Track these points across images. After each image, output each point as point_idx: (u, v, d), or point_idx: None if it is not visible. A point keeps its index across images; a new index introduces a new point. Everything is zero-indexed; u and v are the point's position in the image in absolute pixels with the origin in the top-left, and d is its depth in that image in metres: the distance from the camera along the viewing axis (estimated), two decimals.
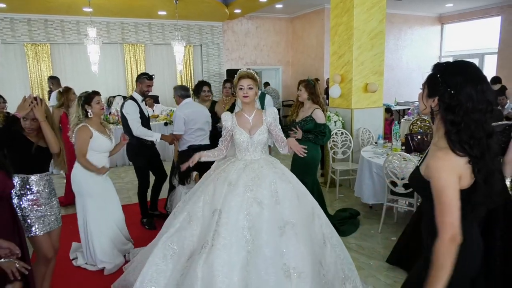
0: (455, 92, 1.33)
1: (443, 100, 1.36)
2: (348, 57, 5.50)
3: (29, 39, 8.12)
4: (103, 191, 3.28)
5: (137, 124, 3.91)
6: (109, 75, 9.01)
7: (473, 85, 1.32)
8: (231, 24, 10.12)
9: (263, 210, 2.38)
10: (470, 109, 1.31)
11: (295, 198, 2.55)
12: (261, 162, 2.65)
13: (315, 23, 9.85)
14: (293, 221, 2.40)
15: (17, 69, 8.24)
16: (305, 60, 10.46)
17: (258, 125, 2.71)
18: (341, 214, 4.39)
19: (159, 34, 9.33)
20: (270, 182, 2.51)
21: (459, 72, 1.36)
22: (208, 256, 2.23)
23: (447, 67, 1.39)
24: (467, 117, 1.32)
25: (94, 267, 3.29)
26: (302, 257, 2.30)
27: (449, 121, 1.35)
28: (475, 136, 1.33)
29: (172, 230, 2.48)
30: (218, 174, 2.64)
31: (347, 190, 5.42)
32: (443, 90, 1.35)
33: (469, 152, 1.33)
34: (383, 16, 5.53)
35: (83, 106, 3.14)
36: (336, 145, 5.28)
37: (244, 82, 2.63)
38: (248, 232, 2.32)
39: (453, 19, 10.98)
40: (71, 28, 8.43)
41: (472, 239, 1.45)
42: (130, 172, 6.79)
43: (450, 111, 1.34)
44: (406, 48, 10.91)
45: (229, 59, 10.30)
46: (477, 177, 1.36)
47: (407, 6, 9.71)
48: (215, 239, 2.27)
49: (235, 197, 2.41)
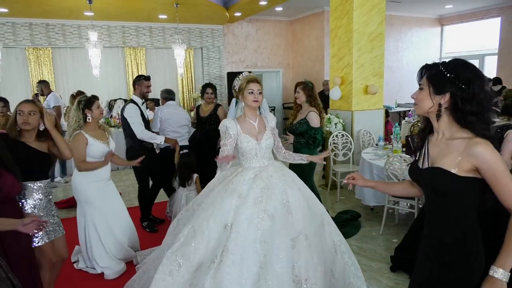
0: (467, 86, 1.39)
1: (457, 94, 1.40)
2: (348, 59, 5.52)
3: (31, 43, 8.16)
4: (103, 197, 3.23)
5: (141, 127, 3.93)
6: (110, 79, 9.04)
7: (480, 78, 1.42)
8: (231, 27, 10.16)
9: (274, 223, 2.32)
10: (483, 98, 1.39)
11: (306, 207, 2.49)
12: (270, 169, 2.58)
13: (315, 25, 9.88)
14: (306, 232, 2.34)
15: (19, 73, 8.27)
16: (305, 63, 10.48)
17: (263, 130, 2.66)
18: (342, 216, 4.39)
19: (160, 38, 9.36)
20: (281, 192, 2.44)
21: (468, 69, 1.42)
22: (216, 272, 2.17)
23: (454, 65, 1.44)
24: (481, 106, 1.40)
25: (94, 271, 3.29)
26: (314, 268, 2.25)
27: (469, 112, 1.40)
28: (490, 122, 1.42)
29: (176, 245, 2.39)
30: (225, 185, 2.53)
31: (348, 192, 5.42)
32: (455, 85, 1.41)
33: (489, 136, 1.41)
34: (383, 18, 5.55)
35: (83, 110, 3.12)
36: (337, 147, 5.29)
37: (254, 86, 2.58)
38: (259, 246, 2.25)
39: (453, 20, 11.00)
40: (73, 32, 8.47)
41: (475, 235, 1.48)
42: (131, 176, 6.80)
43: (467, 103, 1.40)
44: (406, 49, 10.93)
45: (230, 62, 10.33)
46: None
47: (407, 7, 9.73)
48: (224, 255, 2.21)
49: (245, 211, 2.34)
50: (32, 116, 2.44)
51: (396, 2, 8.84)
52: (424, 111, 1.51)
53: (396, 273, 3.24)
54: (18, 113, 2.43)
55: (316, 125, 3.73)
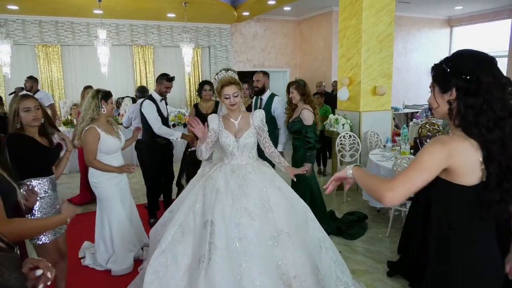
0: (472, 75, 1.26)
1: (462, 87, 1.28)
2: (356, 59, 5.49)
3: (40, 41, 8.23)
4: (120, 194, 3.27)
5: (158, 123, 3.99)
6: (118, 77, 9.09)
7: (488, 64, 1.28)
8: (239, 26, 10.16)
9: (253, 221, 2.29)
10: (491, 86, 1.24)
11: (288, 205, 2.48)
12: (248, 167, 2.55)
13: (323, 25, 9.85)
14: (289, 229, 2.32)
15: (28, 70, 8.33)
16: (312, 63, 10.46)
17: (245, 128, 2.63)
18: (349, 217, 4.38)
19: (168, 36, 9.39)
20: (260, 189, 2.42)
21: (469, 59, 1.31)
22: (207, 271, 2.13)
23: (453, 60, 1.34)
24: (490, 95, 1.24)
25: (101, 267, 3.31)
26: (302, 265, 2.25)
27: (470, 105, 1.26)
28: (498, 115, 1.24)
29: (163, 245, 2.33)
30: (206, 181, 2.53)
31: (354, 193, 5.40)
32: (458, 79, 1.29)
33: (485, 135, 1.24)
34: (392, 19, 5.52)
35: (100, 100, 3.07)
36: (344, 148, 5.27)
37: (229, 90, 2.52)
38: (239, 243, 2.22)
39: (463, 21, 10.90)
40: (81, 30, 8.53)
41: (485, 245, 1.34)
42: (137, 173, 6.82)
43: (471, 95, 1.26)
44: (415, 51, 10.85)
45: (237, 61, 10.34)
46: (490, 167, 1.25)
47: (416, 8, 9.66)
48: (212, 252, 2.17)
49: (224, 207, 2.32)
50: (38, 111, 2.43)
51: (405, 3, 8.78)
52: (438, 114, 1.40)
53: (403, 275, 3.22)
54: (24, 110, 2.38)
55: (308, 123, 3.71)
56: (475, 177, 1.27)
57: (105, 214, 3.25)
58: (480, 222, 1.31)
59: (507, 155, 1.25)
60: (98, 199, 3.29)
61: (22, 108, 2.39)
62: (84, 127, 3.06)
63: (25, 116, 2.39)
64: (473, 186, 1.27)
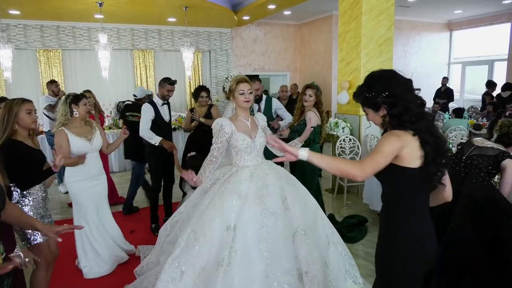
0: (388, 91, 1.61)
1: (386, 103, 1.62)
2: (356, 63, 5.51)
3: (42, 45, 8.27)
4: (90, 197, 3.25)
5: (144, 126, 3.99)
6: (119, 81, 9.12)
7: (390, 79, 1.65)
8: (239, 30, 10.20)
9: (277, 220, 2.34)
10: (403, 94, 1.61)
11: (302, 202, 2.53)
12: (264, 167, 2.59)
13: (323, 29, 9.89)
14: (304, 227, 2.38)
15: (29, 74, 8.39)
16: (312, 67, 10.49)
17: (255, 129, 2.68)
18: (349, 220, 4.37)
19: (169, 40, 9.43)
20: (279, 189, 2.47)
21: (377, 79, 1.66)
22: (226, 275, 2.15)
23: (367, 85, 1.67)
24: (404, 101, 1.60)
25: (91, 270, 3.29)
26: (314, 261, 2.29)
27: (395, 114, 1.62)
28: (415, 111, 1.60)
29: (177, 251, 2.34)
30: (221, 185, 2.50)
31: (355, 196, 5.40)
32: (381, 98, 1.63)
33: (413, 128, 1.59)
34: (391, 22, 5.54)
35: (70, 105, 3.10)
36: (344, 151, 5.28)
37: (244, 86, 2.56)
38: (265, 244, 2.26)
39: (462, 25, 10.94)
40: (83, 35, 8.57)
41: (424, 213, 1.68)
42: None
43: (393, 107, 1.61)
44: (415, 54, 10.88)
45: (237, 65, 10.37)
46: (425, 149, 1.59)
47: (416, 12, 9.70)
48: (232, 257, 2.20)
49: (248, 210, 2.33)
50: (35, 114, 2.52)
51: (405, 7, 8.82)
52: (379, 126, 1.74)
53: None
54: (27, 112, 2.46)
55: (312, 124, 3.71)
56: (418, 161, 1.60)
57: (76, 217, 3.25)
58: (421, 195, 1.68)
59: (433, 136, 1.61)
60: (73, 202, 3.29)
61: (25, 110, 2.45)
62: (57, 128, 3.14)
63: (26, 118, 2.46)
64: (416, 167, 1.60)
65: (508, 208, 2.40)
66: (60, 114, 3.13)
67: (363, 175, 1.57)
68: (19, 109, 2.44)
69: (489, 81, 8.63)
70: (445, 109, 8.52)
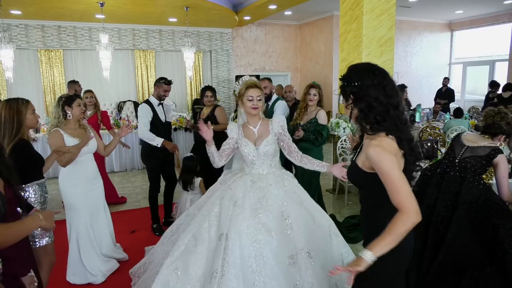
0: (358, 82, 1.55)
1: (353, 92, 1.57)
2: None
3: (43, 45, 8.28)
4: (88, 204, 3.14)
5: (143, 128, 3.94)
6: (120, 81, 9.13)
7: (365, 71, 1.57)
8: (240, 30, 10.21)
9: (272, 238, 2.20)
10: (369, 88, 1.52)
11: (310, 221, 2.35)
12: (269, 178, 2.45)
13: (323, 30, 9.89)
14: (309, 248, 2.21)
15: (31, 74, 8.40)
16: (313, 67, 10.49)
17: (264, 135, 2.52)
18: (350, 221, 4.38)
19: (170, 41, 9.44)
20: (280, 204, 2.32)
21: (353, 71, 1.60)
22: (220, 287, 2.07)
23: (347, 73, 1.61)
24: (368, 97, 1.52)
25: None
26: (320, 285, 2.15)
27: (359, 109, 1.55)
28: (378, 111, 1.52)
29: (176, 254, 2.28)
30: (224, 191, 2.46)
31: (356, 197, 5.40)
32: (350, 87, 1.57)
33: (378, 128, 1.53)
34: (393, 23, 5.54)
35: (63, 107, 3.01)
36: (345, 152, 5.28)
37: (254, 92, 2.46)
38: (254, 261, 2.13)
39: (463, 25, 10.93)
40: (84, 35, 8.58)
41: None
42: (139, 177, 6.86)
43: (358, 101, 1.55)
44: (416, 54, 10.88)
45: (238, 65, 10.37)
46: (403, 147, 1.55)
47: (417, 12, 9.70)
48: (225, 269, 2.10)
49: (242, 221, 2.22)
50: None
51: (406, 7, 8.82)
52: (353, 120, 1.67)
53: None
54: (32, 112, 2.50)
55: (324, 122, 3.86)
56: (401, 160, 1.56)
57: (69, 222, 3.13)
58: None
59: (404, 135, 1.56)
60: (65, 207, 3.16)
61: (30, 110, 2.48)
62: (50, 130, 3.04)
63: (32, 118, 2.49)
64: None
65: (505, 208, 2.43)
66: (53, 116, 3.03)
67: (414, 214, 1.43)
68: (26, 109, 2.47)
69: (492, 81, 8.62)
70: (446, 110, 8.51)
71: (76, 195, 3.07)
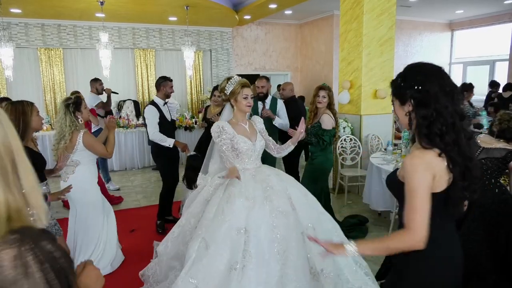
0: (422, 86, 1.38)
1: (414, 97, 1.39)
2: (357, 63, 5.51)
3: (43, 44, 8.27)
4: (103, 200, 3.28)
5: (153, 129, 3.99)
6: (120, 80, 9.11)
7: (432, 73, 1.41)
8: (240, 30, 10.20)
9: (288, 219, 2.36)
10: (438, 95, 1.35)
11: (305, 201, 2.58)
12: (264, 169, 2.66)
13: (324, 29, 9.88)
14: (310, 224, 2.42)
15: (30, 72, 8.38)
16: (313, 66, 10.48)
17: (254, 132, 2.73)
18: (350, 220, 4.37)
19: (170, 40, 9.43)
20: (284, 189, 2.51)
21: (418, 71, 1.43)
22: (242, 278, 2.14)
23: (405, 74, 1.47)
24: (438, 105, 1.35)
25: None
26: None
27: (421, 116, 1.38)
28: (447, 122, 1.34)
29: (189, 263, 2.29)
30: (227, 190, 2.48)
31: (355, 196, 5.40)
32: (411, 90, 1.40)
33: (438, 143, 1.35)
34: (393, 22, 5.54)
35: (73, 113, 3.00)
36: (345, 151, 5.27)
37: (248, 91, 2.65)
38: (279, 244, 2.27)
39: (464, 25, 10.92)
40: (84, 33, 8.57)
41: (449, 244, 1.45)
42: (139, 176, 6.86)
43: (421, 106, 1.38)
44: (416, 54, 10.87)
45: (238, 65, 10.36)
46: (454, 171, 1.35)
47: (417, 12, 9.69)
48: (246, 260, 2.19)
49: (258, 212, 2.33)
50: None
51: (406, 7, 8.81)
52: (402, 125, 1.53)
53: None
54: (37, 114, 2.52)
55: (327, 127, 3.80)
56: (445, 183, 1.38)
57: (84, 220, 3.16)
58: (443, 221, 1.42)
59: (463, 156, 1.36)
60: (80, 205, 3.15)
61: (35, 112, 2.50)
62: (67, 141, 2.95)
63: (37, 120, 2.51)
64: (441, 191, 1.37)
65: None
66: (66, 124, 2.96)
67: (419, 238, 1.31)
68: (31, 111, 2.48)
69: (492, 81, 8.62)
70: None
71: (98, 193, 3.20)
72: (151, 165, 7.62)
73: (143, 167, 7.59)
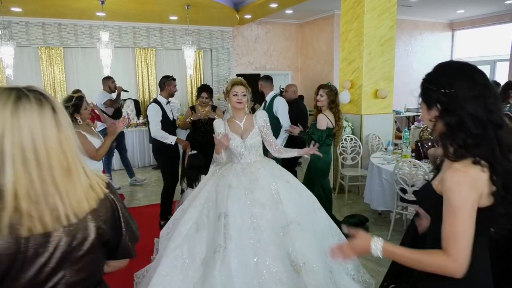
0: (449, 88, 1.22)
1: (441, 102, 1.24)
2: (358, 63, 5.50)
3: (43, 43, 8.26)
4: None
5: (155, 127, 4.03)
6: (121, 79, 9.07)
7: (462, 75, 1.24)
8: (241, 29, 10.19)
9: (265, 210, 2.46)
10: (465, 99, 1.19)
11: (297, 196, 2.66)
12: (257, 164, 2.75)
13: (324, 29, 9.87)
14: (298, 220, 2.48)
15: (31, 71, 8.38)
16: (314, 66, 10.47)
17: (250, 129, 2.82)
18: (350, 220, 4.37)
19: (170, 39, 9.42)
20: (270, 183, 2.60)
21: (444, 72, 1.29)
22: (224, 258, 2.27)
23: (430, 76, 1.33)
24: (462, 112, 1.19)
25: None
26: (312, 252, 2.38)
27: (446, 124, 1.23)
28: (472, 132, 1.18)
29: (178, 239, 2.48)
30: (217, 179, 2.71)
31: (356, 196, 5.40)
32: (438, 93, 1.25)
33: (464, 155, 1.19)
34: (394, 22, 5.53)
35: (72, 115, 3.00)
36: (345, 151, 5.27)
37: (238, 88, 2.75)
38: (253, 232, 2.39)
39: (465, 25, 10.91)
40: (84, 32, 8.57)
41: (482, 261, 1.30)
42: (138, 175, 6.85)
43: (447, 112, 1.23)
44: (417, 54, 10.86)
45: (239, 64, 10.36)
46: (496, 183, 1.19)
47: (418, 12, 9.68)
48: (227, 242, 2.32)
49: (237, 200, 2.49)
50: None
51: (407, 7, 8.80)
52: (431, 129, 1.34)
53: None
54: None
55: (320, 127, 3.78)
56: (485, 200, 1.21)
57: None
58: (480, 238, 1.24)
59: (502, 169, 1.19)
60: None
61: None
62: None
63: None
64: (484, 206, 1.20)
65: None
66: None
67: (460, 266, 1.16)
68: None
69: (493, 81, 8.61)
70: None
71: None
72: (151, 164, 7.62)
73: (144, 166, 7.60)
